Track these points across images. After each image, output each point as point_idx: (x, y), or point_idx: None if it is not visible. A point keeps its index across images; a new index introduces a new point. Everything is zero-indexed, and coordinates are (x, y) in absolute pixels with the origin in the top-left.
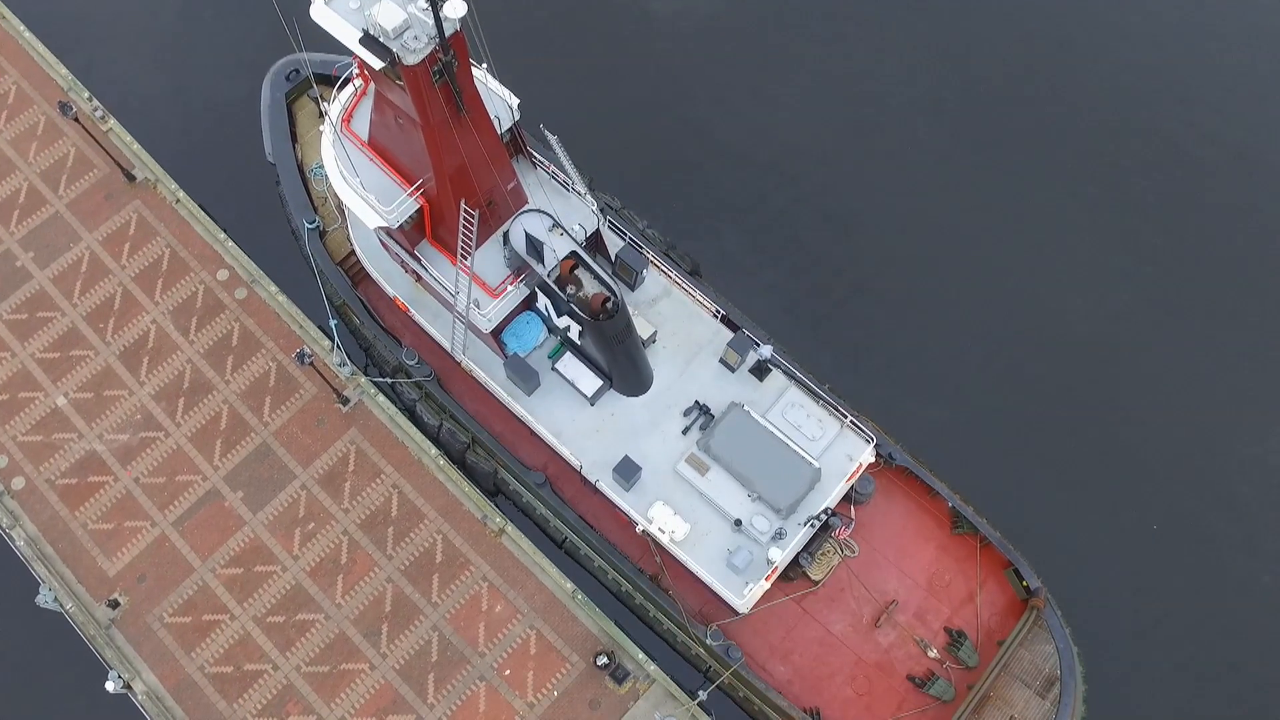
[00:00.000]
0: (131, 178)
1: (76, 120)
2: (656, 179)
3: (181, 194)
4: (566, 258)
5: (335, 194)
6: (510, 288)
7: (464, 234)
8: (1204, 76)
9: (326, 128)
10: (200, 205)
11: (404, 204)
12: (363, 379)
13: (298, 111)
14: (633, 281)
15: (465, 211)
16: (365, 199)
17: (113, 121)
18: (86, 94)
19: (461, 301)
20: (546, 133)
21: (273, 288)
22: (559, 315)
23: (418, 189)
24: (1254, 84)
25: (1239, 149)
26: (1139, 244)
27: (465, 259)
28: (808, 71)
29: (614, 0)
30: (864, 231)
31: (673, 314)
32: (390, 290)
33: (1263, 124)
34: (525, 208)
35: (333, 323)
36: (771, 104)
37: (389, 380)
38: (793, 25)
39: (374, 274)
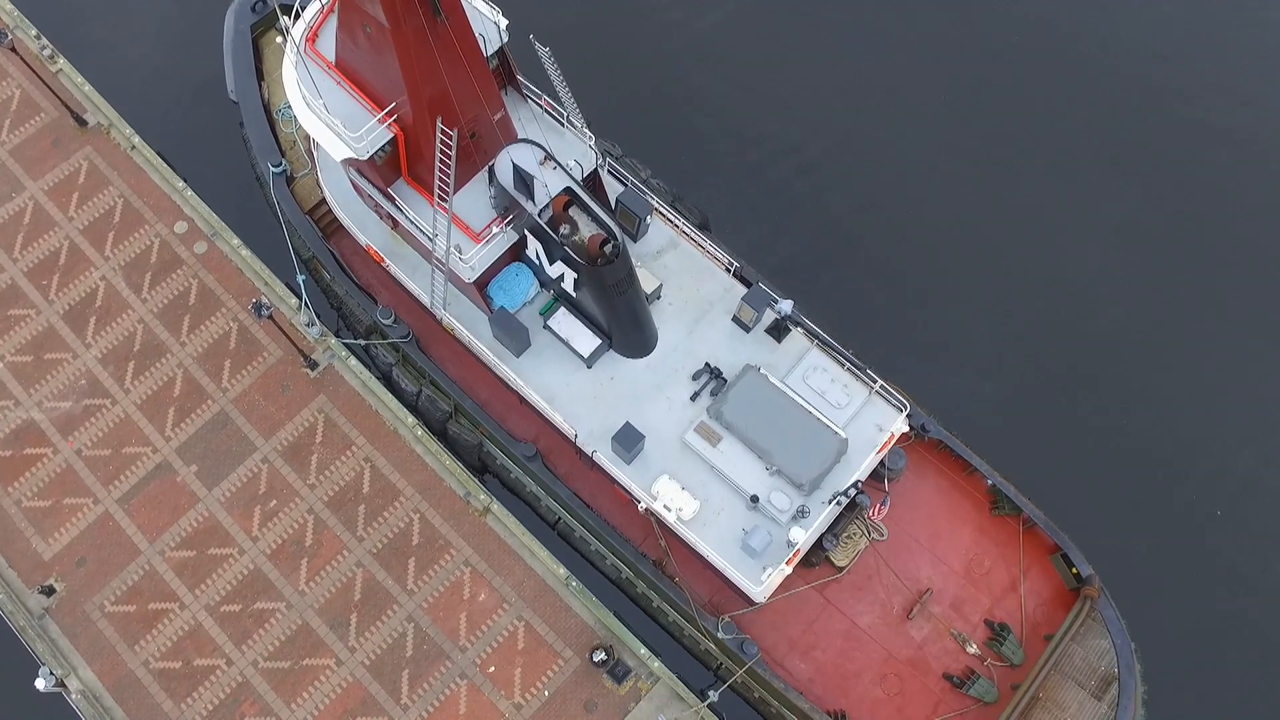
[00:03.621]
0: (83, 122)
1: (14, 50)
2: (661, 128)
3: (137, 139)
4: (560, 194)
5: (303, 136)
6: (496, 229)
7: (441, 161)
8: (1241, 52)
9: (289, 48)
10: (158, 152)
11: (374, 131)
12: (333, 340)
13: (264, 47)
14: (635, 230)
15: (443, 133)
16: (331, 125)
17: (62, 61)
18: (34, 31)
19: (440, 246)
20: (537, 44)
21: (235, 241)
22: (551, 262)
23: (390, 113)
24: None
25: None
26: (1201, 216)
27: (444, 193)
28: (831, 26)
29: None
30: (891, 188)
31: (680, 268)
32: (363, 239)
33: None
34: (514, 140)
35: (300, 278)
36: (792, 55)
37: (362, 342)
38: None
39: (345, 221)
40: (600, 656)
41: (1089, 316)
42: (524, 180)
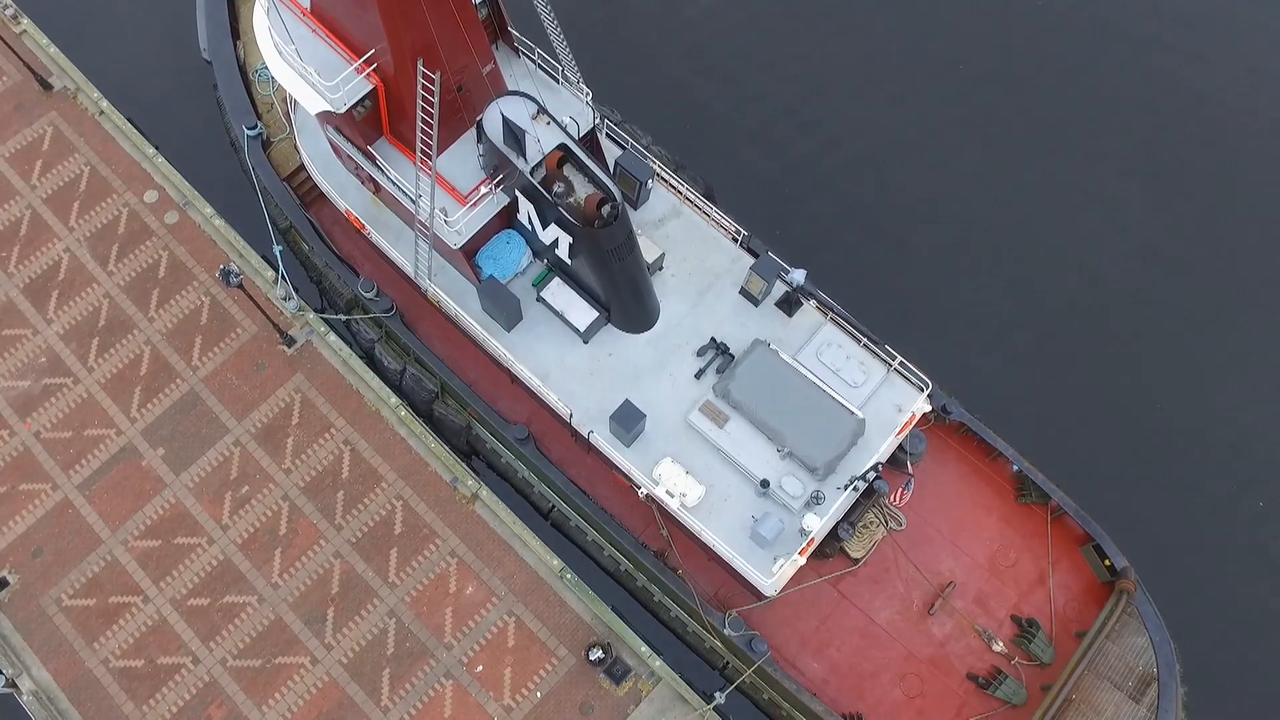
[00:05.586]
0: (48, 86)
1: None
2: (663, 96)
3: (105, 104)
4: (554, 151)
5: (281, 98)
6: (485, 189)
7: (424, 110)
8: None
9: None
10: (128, 118)
11: (352, 81)
12: (311, 315)
13: (240, 4)
14: (635, 196)
15: (424, 76)
16: (304, 76)
17: (26, 22)
18: None
19: (424, 209)
20: None
21: (208, 210)
22: (545, 226)
23: (368, 61)
24: None
25: None
26: (1245, 189)
27: (426, 148)
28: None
29: None
30: (909, 159)
31: (684, 237)
32: (343, 204)
33: None
34: (504, 93)
35: (277, 249)
36: (804, 25)
37: (342, 316)
38: None
39: (324, 186)
40: (597, 655)
41: (1123, 292)
42: (515, 135)
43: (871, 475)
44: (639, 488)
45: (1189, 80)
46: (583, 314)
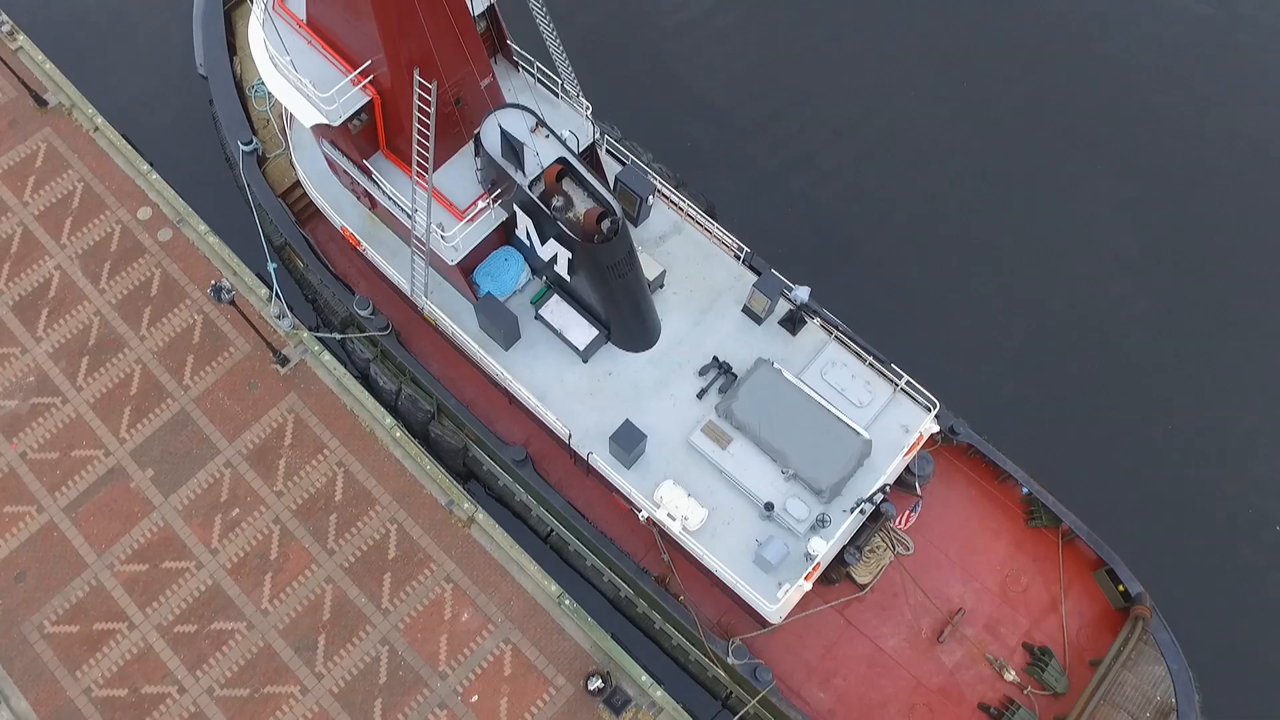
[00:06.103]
0: (43, 102)
1: None
2: (664, 115)
3: (100, 120)
4: (553, 164)
5: (277, 115)
6: (482, 204)
7: (420, 121)
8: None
9: (255, 4)
10: (123, 135)
11: (347, 93)
12: (305, 334)
13: (237, 21)
14: (636, 212)
15: (420, 86)
16: (300, 88)
17: (22, 38)
18: None
19: (420, 223)
20: None
21: (202, 227)
22: (543, 242)
23: (364, 72)
24: None
25: None
26: (1254, 202)
27: (423, 160)
28: (848, 11)
29: None
30: (913, 175)
31: (685, 254)
32: (339, 220)
33: None
34: (502, 105)
35: (271, 267)
36: (804, 42)
37: (337, 335)
38: None
39: (320, 202)
40: (596, 684)
41: (1135, 312)
42: (513, 148)
43: (879, 497)
44: (640, 511)
45: (1193, 90)
46: (582, 332)
